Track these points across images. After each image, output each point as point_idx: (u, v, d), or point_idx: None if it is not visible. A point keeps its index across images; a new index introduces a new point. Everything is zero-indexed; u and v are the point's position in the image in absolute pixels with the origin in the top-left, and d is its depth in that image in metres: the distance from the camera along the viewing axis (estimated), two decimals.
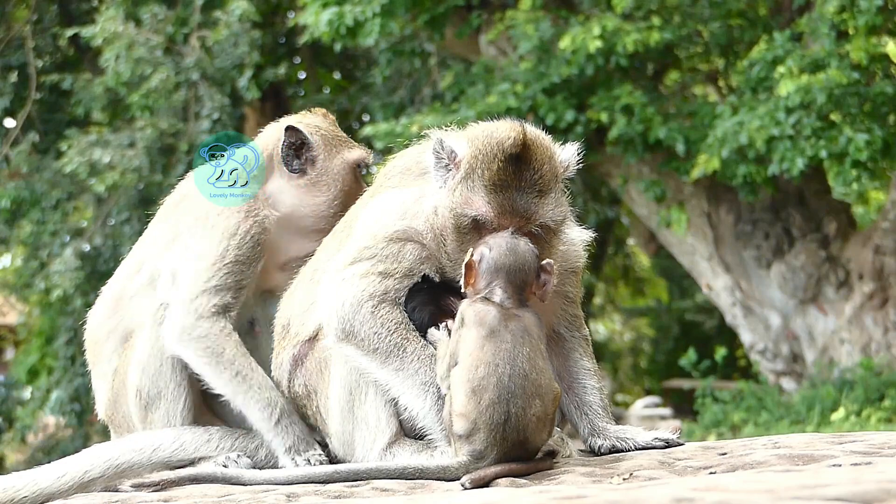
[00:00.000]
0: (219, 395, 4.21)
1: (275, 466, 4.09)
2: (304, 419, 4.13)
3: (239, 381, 4.13)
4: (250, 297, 4.33)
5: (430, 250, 3.85)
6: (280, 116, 4.68)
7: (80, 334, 15.94)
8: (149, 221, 4.80)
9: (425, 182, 3.93)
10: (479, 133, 3.83)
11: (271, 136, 4.52)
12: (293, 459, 4.01)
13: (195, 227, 4.33)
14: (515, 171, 3.70)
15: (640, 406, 23.39)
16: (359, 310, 3.76)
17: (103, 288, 4.63)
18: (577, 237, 4.06)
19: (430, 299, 3.81)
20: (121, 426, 4.46)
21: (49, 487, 4.04)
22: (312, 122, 4.53)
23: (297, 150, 4.42)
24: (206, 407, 4.37)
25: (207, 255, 4.23)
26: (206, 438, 4.21)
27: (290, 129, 4.41)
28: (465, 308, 3.59)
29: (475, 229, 3.72)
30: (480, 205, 3.70)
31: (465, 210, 3.71)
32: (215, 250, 4.23)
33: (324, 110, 4.68)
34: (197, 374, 4.19)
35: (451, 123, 4.16)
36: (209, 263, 4.21)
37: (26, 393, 19.00)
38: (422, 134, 4.07)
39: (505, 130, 3.76)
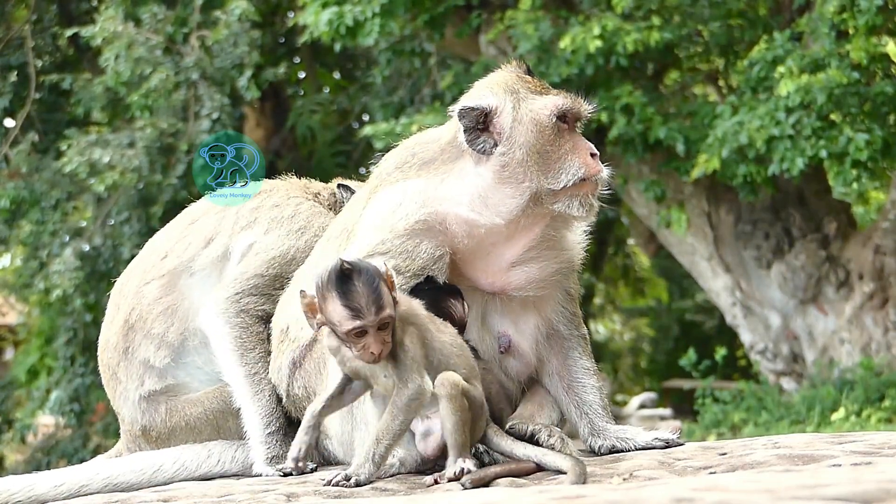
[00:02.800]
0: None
1: (248, 470, 4.15)
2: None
3: (253, 381, 4.17)
4: None
5: (449, 239, 3.82)
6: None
7: (80, 334, 15.78)
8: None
9: (428, 171, 3.90)
10: (487, 83, 3.93)
11: (328, 187, 4.75)
12: (270, 468, 4.03)
13: (276, 222, 4.41)
14: (538, 78, 3.94)
15: (637, 403, 23.39)
16: None
17: (138, 268, 4.55)
18: (577, 230, 4.06)
19: (430, 301, 3.80)
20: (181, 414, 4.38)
21: (45, 495, 4.04)
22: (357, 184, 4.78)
23: None
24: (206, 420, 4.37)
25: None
26: (207, 454, 4.22)
27: (341, 185, 4.67)
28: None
29: (560, 131, 3.81)
30: (554, 101, 3.83)
31: (545, 118, 3.79)
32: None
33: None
34: (215, 354, 4.26)
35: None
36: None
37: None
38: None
39: (501, 70, 3.97)
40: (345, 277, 3.36)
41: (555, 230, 3.91)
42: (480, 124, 3.80)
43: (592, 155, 3.86)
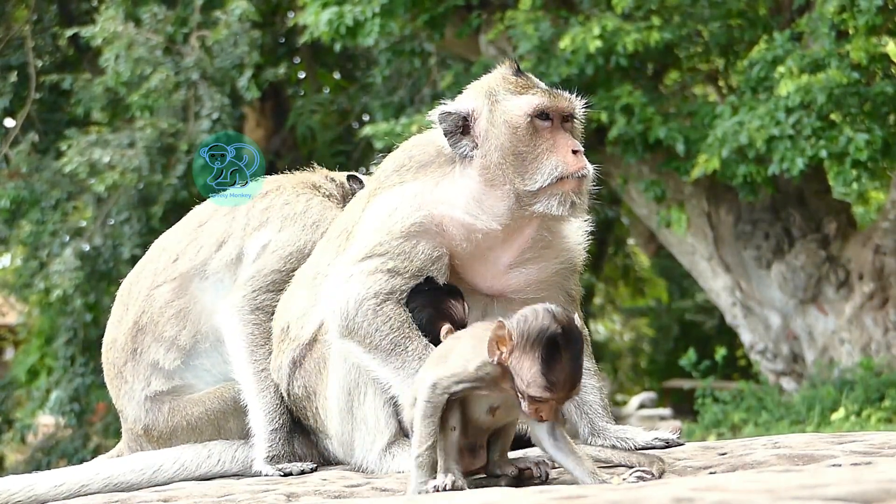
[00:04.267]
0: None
1: (248, 469, 4.14)
2: (304, 421, 4.13)
3: (260, 378, 4.18)
4: None
5: (447, 241, 3.82)
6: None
7: (80, 334, 15.77)
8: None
9: (425, 174, 3.91)
10: (472, 86, 3.92)
11: (333, 177, 4.75)
12: (270, 467, 4.02)
13: (289, 219, 4.41)
14: (526, 78, 3.86)
15: (637, 403, 23.40)
16: (362, 306, 3.75)
17: (148, 270, 4.54)
18: (577, 231, 4.05)
19: (430, 301, 3.80)
20: (182, 413, 4.37)
21: (45, 495, 4.04)
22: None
23: None
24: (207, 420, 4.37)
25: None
26: (207, 454, 4.21)
27: (351, 177, 4.72)
28: None
29: (537, 130, 3.76)
30: (529, 100, 3.77)
31: (518, 118, 3.75)
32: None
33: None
34: (228, 352, 4.28)
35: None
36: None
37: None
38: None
39: (493, 72, 3.93)
40: (554, 345, 3.12)
41: (548, 230, 3.89)
42: (460, 128, 3.81)
43: (575, 152, 3.76)
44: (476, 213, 3.80)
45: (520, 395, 3.18)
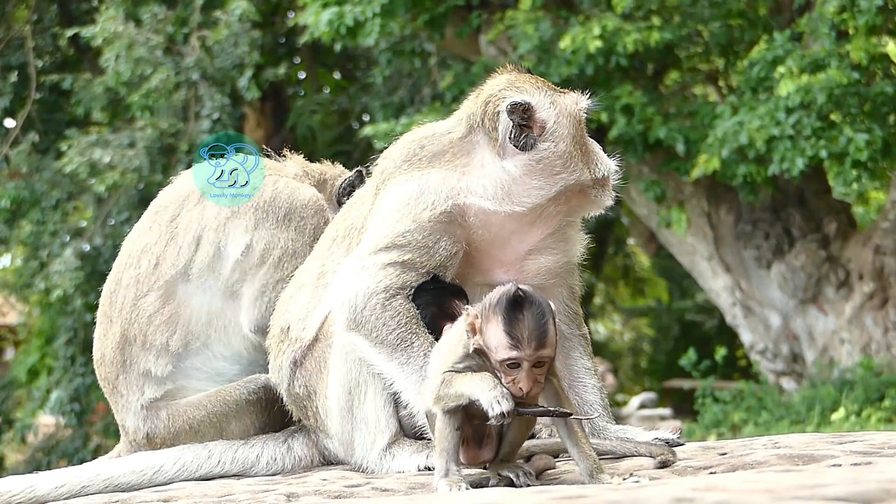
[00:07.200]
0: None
1: (248, 470, 4.15)
2: (304, 421, 4.13)
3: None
4: None
5: (467, 233, 3.82)
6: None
7: (80, 334, 15.67)
8: None
9: (440, 163, 3.88)
10: (506, 83, 3.94)
11: (309, 166, 4.83)
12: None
13: (261, 210, 4.44)
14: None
15: (637, 403, 23.38)
16: (371, 300, 3.74)
17: (129, 277, 4.51)
18: (577, 228, 4.08)
19: (434, 300, 3.80)
20: (178, 424, 4.36)
21: (46, 495, 4.04)
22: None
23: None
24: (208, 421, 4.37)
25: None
26: (207, 455, 4.20)
27: (358, 172, 4.75)
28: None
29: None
30: (579, 98, 3.95)
31: (578, 112, 3.91)
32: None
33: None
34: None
35: None
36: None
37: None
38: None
39: (509, 73, 4.01)
40: (515, 305, 3.19)
41: (568, 223, 3.96)
42: (524, 120, 3.82)
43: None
44: (501, 200, 3.81)
45: (497, 372, 3.22)
